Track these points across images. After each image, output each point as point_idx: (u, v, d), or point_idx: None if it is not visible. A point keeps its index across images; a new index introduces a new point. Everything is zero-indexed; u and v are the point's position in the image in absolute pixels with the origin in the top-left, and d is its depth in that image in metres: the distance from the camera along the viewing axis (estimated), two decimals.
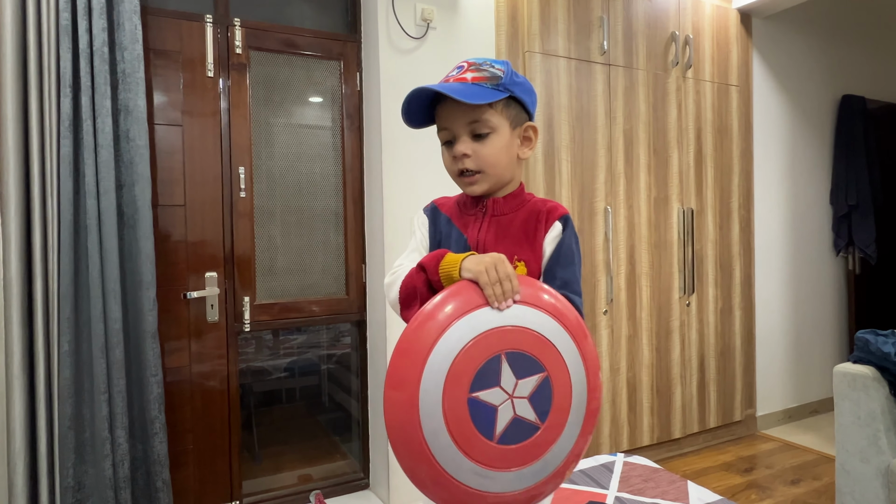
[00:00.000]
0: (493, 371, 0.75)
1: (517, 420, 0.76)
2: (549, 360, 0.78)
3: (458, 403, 0.74)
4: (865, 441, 1.90)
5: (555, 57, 2.53)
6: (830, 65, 3.58)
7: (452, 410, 0.74)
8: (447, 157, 0.96)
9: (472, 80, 0.92)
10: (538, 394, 0.78)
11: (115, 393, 1.72)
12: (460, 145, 0.93)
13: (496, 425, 0.75)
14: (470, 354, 0.75)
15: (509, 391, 0.76)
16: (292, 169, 2.31)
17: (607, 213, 2.66)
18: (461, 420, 0.74)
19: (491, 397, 0.75)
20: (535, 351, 0.78)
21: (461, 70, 0.95)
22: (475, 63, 0.95)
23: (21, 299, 1.63)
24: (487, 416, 0.75)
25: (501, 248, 0.93)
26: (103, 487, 1.69)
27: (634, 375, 2.77)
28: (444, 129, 0.96)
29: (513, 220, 0.96)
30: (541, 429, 0.78)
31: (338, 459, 2.49)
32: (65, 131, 1.65)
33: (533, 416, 0.77)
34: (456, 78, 0.93)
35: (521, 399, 0.77)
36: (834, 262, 3.62)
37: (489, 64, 0.95)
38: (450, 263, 0.84)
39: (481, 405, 0.75)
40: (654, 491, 1.47)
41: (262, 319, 2.22)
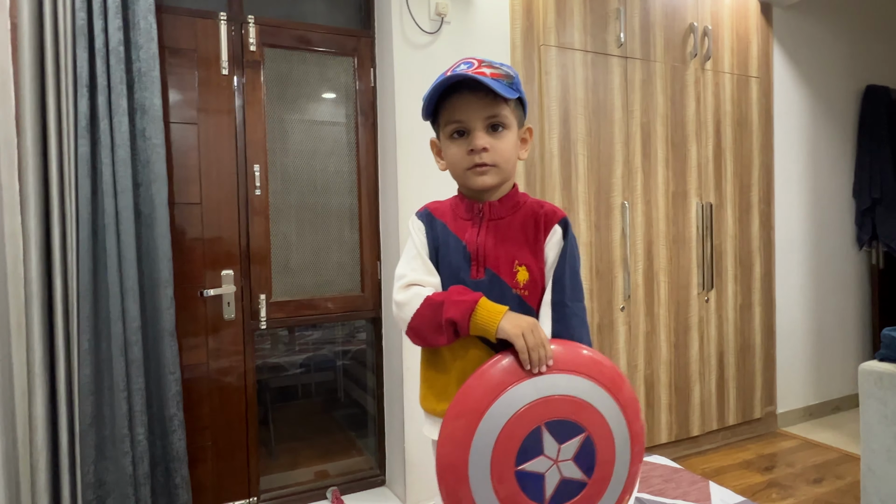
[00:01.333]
0: (535, 442, 0.79)
1: (565, 481, 0.81)
2: (587, 419, 0.82)
3: (506, 478, 0.78)
4: (892, 440, 1.86)
5: (571, 50, 2.49)
6: (854, 55, 3.49)
7: (502, 484, 0.78)
8: (457, 150, 0.94)
9: (492, 75, 0.90)
10: (582, 453, 0.82)
11: (135, 390, 1.73)
12: (479, 139, 0.90)
13: (545, 490, 0.80)
14: (511, 431, 0.78)
15: (553, 457, 0.81)
16: (307, 166, 2.31)
17: (624, 208, 2.63)
18: (511, 492, 0.79)
19: (537, 466, 0.80)
20: (574, 415, 0.81)
21: (473, 66, 0.92)
22: (486, 61, 0.94)
23: (41, 298, 1.64)
24: (536, 484, 0.79)
25: (502, 253, 0.91)
26: (124, 484, 1.71)
27: (652, 372, 2.73)
28: (455, 122, 0.93)
29: (511, 223, 0.94)
30: (588, 484, 0.82)
31: (354, 456, 2.50)
32: (82, 131, 1.66)
33: (579, 474, 0.82)
34: (475, 71, 0.91)
35: (566, 461, 0.81)
36: (857, 257, 3.55)
37: (499, 63, 0.95)
38: (485, 320, 0.83)
39: (529, 475, 0.79)
40: (675, 492, 1.45)
41: (278, 317, 2.22)
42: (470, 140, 0.91)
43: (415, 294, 0.90)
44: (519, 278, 0.91)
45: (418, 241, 0.98)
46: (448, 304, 0.85)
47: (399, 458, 2.30)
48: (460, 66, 0.94)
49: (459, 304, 0.84)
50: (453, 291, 0.88)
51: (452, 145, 0.94)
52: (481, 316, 0.83)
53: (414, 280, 0.93)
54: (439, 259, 0.96)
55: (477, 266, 0.91)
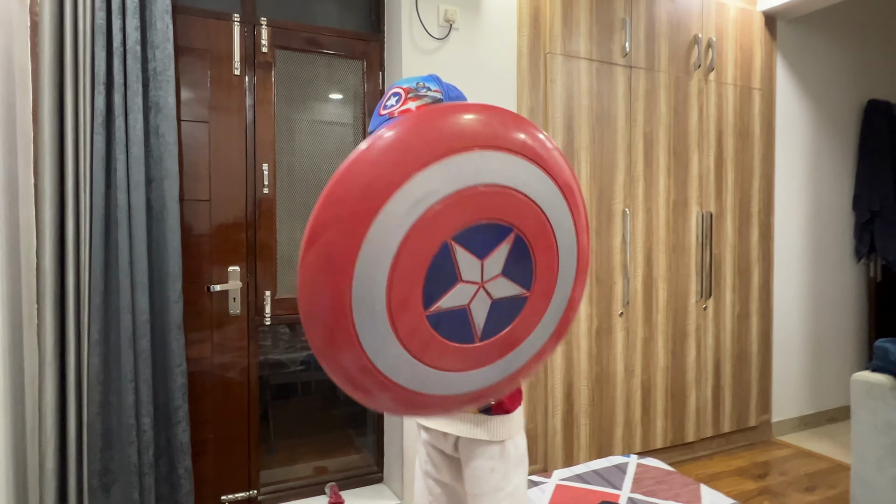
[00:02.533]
0: (443, 267, 0.56)
1: (497, 303, 0.59)
2: (515, 212, 0.58)
3: (416, 327, 0.56)
4: (882, 450, 1.90)
5: (576, 59, 2.53)
6: (856, 69, 3.53)
7: (412, 336, 0.56)
8: None
9: (417, 108, 0.90)
10: (513, 259, 0.59)
11: (142, 382, 1.77)
12: None
13: (474, 325, 0.59)
14: (407, 262, 0.53)
15: (476, 279, 0.57)
16: (314, 166, 2.35)
17: (625, 215, 2.67)
18: (425, 341, 0.57)
19: (455, 300, 0.57)
20: (496, 211, 0.56)
21: (400, 99, 0.92)
22: (412, 89, 0.94)
23: (54, 289, 1.69)
24: (460, 322, 0.58)
25: None
26: (128, 472, 1.75)
27: (649, 378, 2.77)
28: None
29: None
30: (528, 298, 0.61)
31: (351, 453, 2.53)
32: (98, 127, 1.70)
33: (516, 289, 0.60)
34: (401, 111, 0.90)
35: (494, 280, 0.58)
36: (855, 269, 3.58)
37: (426, 87, 0.94)
38: None
39: (447, 315, 0.57)
40: (666, 493, 1.49)
41: (282, 313, 2.26)
42: None
43: None
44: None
45: None
46: None
47: (397, 455, 2.34)
48: (389, 100, 0.94)
49: None
50: None
51: None
52: None
53: None
54: None
55: None
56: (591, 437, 2.61)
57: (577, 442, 2.58)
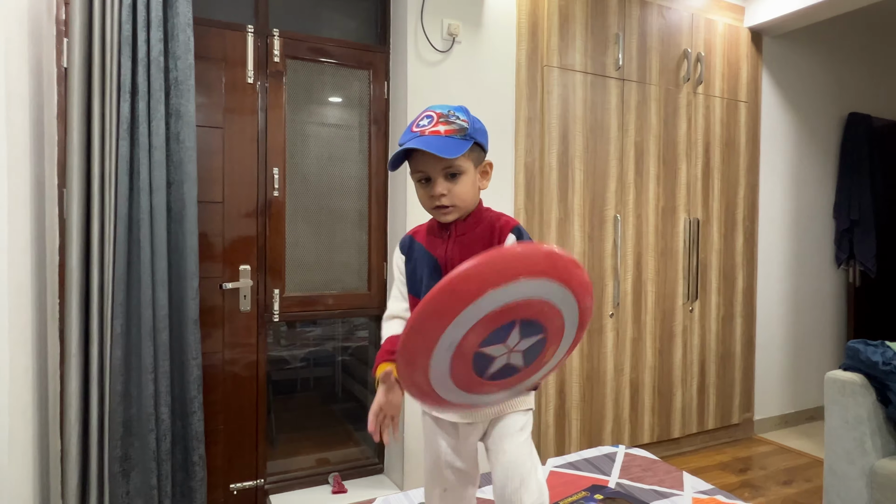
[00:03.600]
0: (504, 332, 0.88)
1: (508, 366, 0.93)
2: (549, 320, 0.90)
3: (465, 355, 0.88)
4: (852, 444, 2.04)
5: (572, 71, 2.66)
6: (838, 83, 3.69)
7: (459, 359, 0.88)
8: (423, 193, 1.12)
9: (445, 132, 1.06)
10: (531, 350, 0.92)
11: (161, 373, 1.88)
12: (438, 187, 1.09)
13: (489, 369, 0.91)
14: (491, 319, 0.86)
15: (510, 347, 0.90)
16: (322, 170, 2.46)
17: (616, 220, 2.80)
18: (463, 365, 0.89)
19: (494, 351, 0.89)
20: (541, 315, 0.89)
21: (431, 121, 1.08)
22: (443, 114, 1.09)
23: (80, 284, 1.79)
24: (484, 363, 0.90)
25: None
26: (147, 459, 1.85)
27: (637, 376, 2.90)
28: (419, 171, 1.11)
29: (473, 237, 1.14)
30: (521, 371, 0.94)
31: (351, 446, 2.64)
32: (123, 133, 1.81)
33: (521, 363, 0.93)
34: (431, 131, 1.07)
35: (517, 353, 0.91)
36: (835, 275, 3.74)
37: (455, 115, 1.09)
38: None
39: (482, 356, 0.89)
40: (651, 479, 1.61)
41: (290, 311, 2.37)
42: (431, 187, 1.10)
43: (385, 330, 1.18)
44: None
45: (398, 279, 1.20)
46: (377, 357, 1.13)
47: (397, 448, 2.45)
48: (422, 120, 1.10)
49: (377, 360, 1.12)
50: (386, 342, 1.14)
51: (419, 188, 1.13)
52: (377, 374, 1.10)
53: (391, 312, 1.19)
54: (410, 270, 1.18)
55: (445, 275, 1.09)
56: (582, 431, 2.74)
57: (569, 436, 2.71)
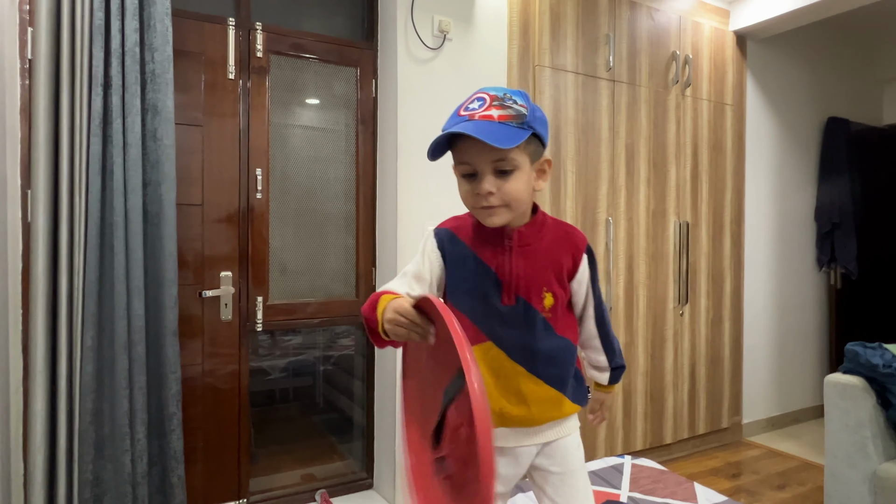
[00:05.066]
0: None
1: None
2: None
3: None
4: (853, 447, 2.01)
5: (563, 72, 2.61)
6: (818, 88, 3.74)
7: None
8: (467, 190, 0.94)
9: (499, 118, 0.88)
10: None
11: (136, 389, 1.74)
12: (485, 183, 0.90)
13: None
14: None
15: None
16: (307, 172, 2.35)
17: (608, 223, 2.75)
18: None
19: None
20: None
21: (483, 104, 0.90)
22: (497, 97, 0.91)
23: (46, 294, 1.64)
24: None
25: (533, 282, 0.95)
26: (121, 483, 1.71)
27: (630, 382, 2.85)
28: (464, 164, 0.92)
29: (538, 249, 0.96)
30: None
31: (336, 461, 2.52)
32: (95, 129, 1.67)
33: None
34: (481, 115, 0.89)
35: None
36: (817, 277, 3.77)
37: (511, 99, 0.91)
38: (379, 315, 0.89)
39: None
40: (663, 491, 1.55)
41: (274, 319, 2.25)
42: (477, 183, 0.91)
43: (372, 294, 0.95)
44: (546, 303, 0.96)
45: (426, 265, 0.99)
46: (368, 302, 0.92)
47: (388, 461, 2.34)
48: (472, 103, 0.91)
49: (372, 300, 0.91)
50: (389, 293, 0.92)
51: (464, 183, 0.95)
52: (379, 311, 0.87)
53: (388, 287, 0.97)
54: (453, 278, 0.97)
55: (508, 294, 0.94)
56: None
57: None
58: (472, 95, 0.93)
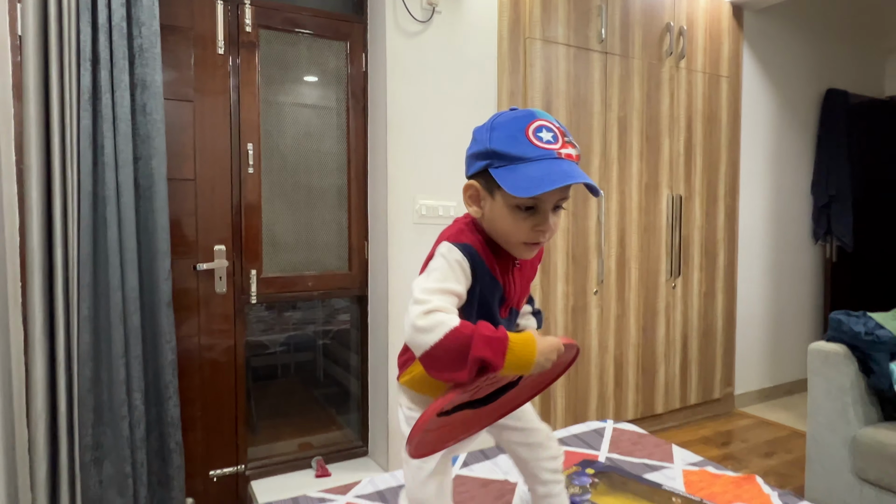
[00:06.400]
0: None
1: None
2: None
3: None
4: (835, 413, 2.05)
5: (554, 44, 2.60)
6: (817, 59, 3.70)
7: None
8: (521, 224, 0.87)
9: (576, 157, 0.86)
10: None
11: (132, 358, 1.79)
12: (550, 221, 0.87)
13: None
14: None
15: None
16: (299, 146, 2.37)
17: (600, 197, 2.77)
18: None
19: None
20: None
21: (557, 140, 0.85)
22: (563, 132, 0.87)
23: (42, 266, 1.69)
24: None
25: (522, 294, 1.00)
26: (121, 447, 1.78)
27: (622, 353, 2.90)
28: (533, 199, 0.86)
29: (529, 264, 1.00)
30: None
31: (334, 430, 2.59)
32: (84, 104, 1.70)
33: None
34: (566, 154, 0.85)
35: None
36: (812, 250, 3.78)
37: (569, 135, 0.88)
38: (521, 359, 0.79)
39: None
40: (641, 452, 1.59)
41: (268, 292, 2.29)
42: (540, 219, 0.87)
43: (439, 322, 0.80)
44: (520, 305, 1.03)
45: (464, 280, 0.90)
46: (478, 340, 0.78)
47: (382, 429, 2.41)
48: (541, 132, 0.85)
49: (493, 342, 0.78)
50: (482, 326, 0.81)
51: (517, 217, 0.87)
52: (516, 354, 0.78)
53: (438, 307, 0.83)
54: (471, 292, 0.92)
55: (506, 308, 0.98)
56: (567, 409, 2.73)
57: (554, 414, 2.69)
58: (529, 119, 0.86)
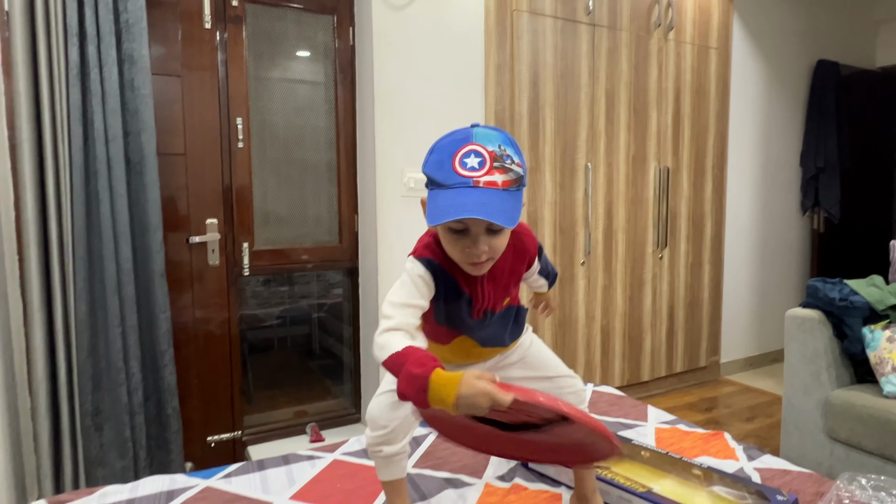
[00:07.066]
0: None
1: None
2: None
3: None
4: (809, 377, 2.13)
5: (542, 16, 2.61)
6: (808, 30, 3.69)
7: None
8: (456, 245, 0.90)
9: (503, 184, 0.84)
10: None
11: (128, 327, 1.86)
12: (481, 244, 0.88)
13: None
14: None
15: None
16: (288, 121, 2.40)
17: (587, 169, 2.80)
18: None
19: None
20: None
21: (483, 165, 0.84)
22: (496, 156, 0.85)
23: (37, 239, 1.74)
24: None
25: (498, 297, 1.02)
26: (119, 412, 1.85)
27: (608, 323, 2.97)
28: (458, 223, 0.87)
29: (502, 269, 1.00)
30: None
31: (328, 399, 2.68)
32: (73, 79, 1.73)
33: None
34: (486, 181, 0.83)
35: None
36: (800, 222, 3.83)
37: (509, 157, 0.86)
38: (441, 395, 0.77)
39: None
40: (618, 412, 1.67)
41: (260, 264, 2.35)
42: (469, 242, 0.88)
43: (386, 343, 0.86)
44: (505, 304, 1.05)
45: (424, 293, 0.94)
46: (403, 376, 0.80)
47: None
48: (468, 157, 0.85)
49: (414, 381, 0.78)
50: (410, 357, 0.81)
51: (450, 238, 0.90)
52: (435, 392, 0.77)
53: (398, 323, 0.90)
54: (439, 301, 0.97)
55: (478, 310, 1.01)
56: None
57: None
58: (462, 143, 0.86)
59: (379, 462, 1.04)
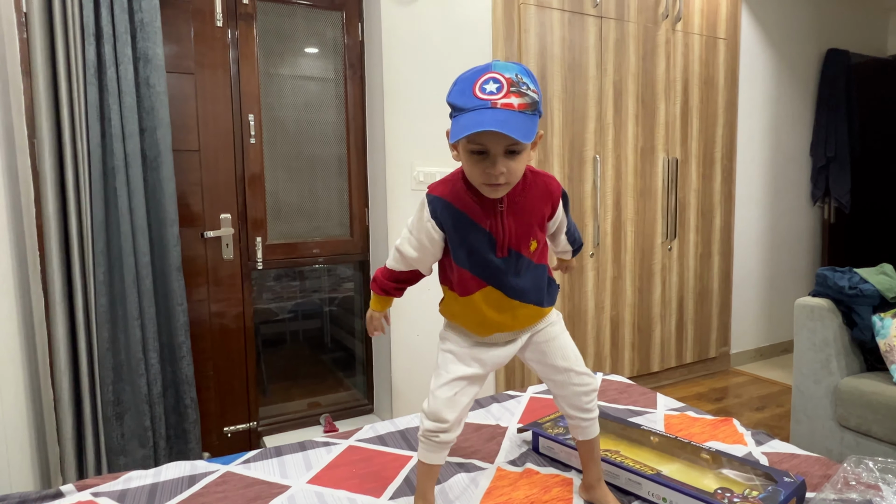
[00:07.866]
0: None
1: None
2: None
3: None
4: (818, 364, 2.13)
5: (549, 9, 2.62)
6: (817, 19, 3.67)
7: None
8: (477, 168, 0.97)
9: (519, 107, 0.91)
10: None
11: (147, 320, 1.90)
12: (500, 165, 0.95)
13: None
14: None
15: None
16: (299, 117, 2.44)
17: (596, 161, 2.82)
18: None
19: None
20: None
21: (501, 89, 0.91)
22: (513, 81, 0.92)
23: (58, 234, 1.78)
24: None
25: (522, 235, 1.06)
26: (139, 403, 1.90)
27: (618, 314, 2.98)
28: (477, 144, 0.95)
29: (524, 206, 1.06)
30: None
31: (341, 391, 2.72)
32: (90, 78, 1.77)
33: None
34: (504, 104, 0.91)
35: None
36: (810, 212, 3.82)
37: (525, 84, 0.93)
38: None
39: None
40: (627, 400, 1.69)
41: (273, 258, 2.39)
42: (489, 164, 0.95)
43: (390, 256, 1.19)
44: (531, 248, 1.09)
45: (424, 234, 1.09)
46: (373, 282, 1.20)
47: (385, 388, 2.53)
48: (487, 83, 0.92)
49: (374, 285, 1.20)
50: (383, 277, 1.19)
51: (471, 160, 0.98)
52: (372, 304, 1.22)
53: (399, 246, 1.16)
54: (452, 239, 1.06)
55: (501, 248, 1.05)
56: None
57: None
58: (482, 72, 0.94)
59: (430, 446, 1.08)
